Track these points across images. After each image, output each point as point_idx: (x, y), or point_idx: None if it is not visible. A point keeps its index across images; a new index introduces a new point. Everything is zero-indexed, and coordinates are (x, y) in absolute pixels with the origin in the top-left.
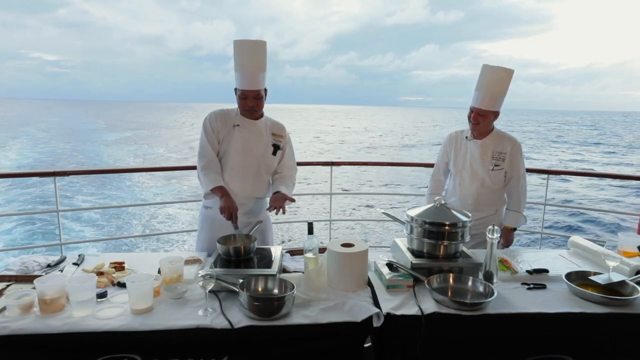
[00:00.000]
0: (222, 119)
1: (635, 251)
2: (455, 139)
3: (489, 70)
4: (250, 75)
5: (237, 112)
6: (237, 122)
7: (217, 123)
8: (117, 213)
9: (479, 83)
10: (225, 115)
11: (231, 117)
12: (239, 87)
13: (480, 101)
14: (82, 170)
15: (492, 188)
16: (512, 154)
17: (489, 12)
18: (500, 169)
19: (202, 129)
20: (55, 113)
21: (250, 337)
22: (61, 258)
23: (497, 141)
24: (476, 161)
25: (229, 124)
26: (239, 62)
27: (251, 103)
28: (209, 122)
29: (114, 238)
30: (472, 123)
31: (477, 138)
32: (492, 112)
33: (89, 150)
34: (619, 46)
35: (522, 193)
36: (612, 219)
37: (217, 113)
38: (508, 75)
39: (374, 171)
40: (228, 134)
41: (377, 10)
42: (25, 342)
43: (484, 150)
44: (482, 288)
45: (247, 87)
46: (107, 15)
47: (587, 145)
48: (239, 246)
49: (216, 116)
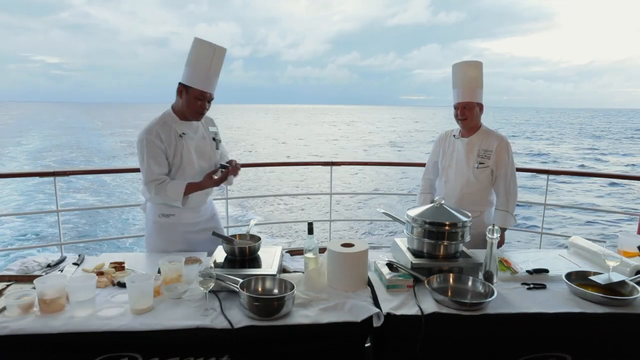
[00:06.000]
0: (164, 133)
1: (635, 251)
2: (444, 137)
3: (460, 67)
4: (213, 77)
5: (174, 118)
6: (180, 131)
7: (162, 142)
8: (117, 213)
9: (455, 80)
10: (164, 127)
11: (169, 126)
12: (198, 87)
13: (461, 95)
14: (82, 170)
15: (477, 187)
16: (498, 151)
17: (490, 10)
18: (485, 166)
19: (145, 151)
20: (60, 115)
21: (250, 337)
22: (61, 258)
23: (483, 139)
24: (462, 159)
25: (172, 137)
26: (201, 60)
27: (206, 105)
28: (153, 144)
29: (114, 238)
30: (460, 120)
31: (465, 136)
32: (477, 103)
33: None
34: (620, 43)
35: (510, 192)
36: (612, 219)
37: (155, 130)
38: (479, 68)
39: (374, 171)
40: (176, 147)
41: (378, 11)
42: (25, 342)
43: (470, 148)
44: (482, 288)
45: (208, 88)
46: (110, 18)
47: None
48: (244, 247)
49: (156, 135)
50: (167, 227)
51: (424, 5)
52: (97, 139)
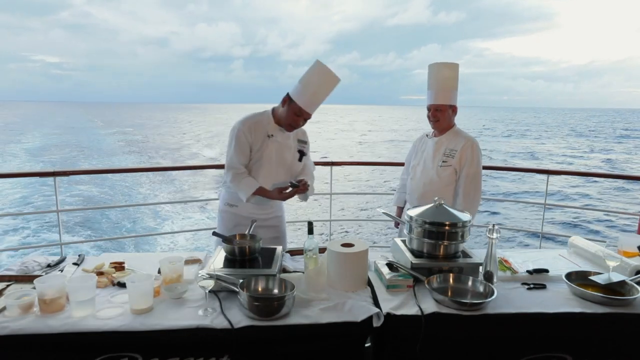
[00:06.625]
0: (256, 129)
1: (635, 251)
2: (420, 138)
3: (436, 68)
4: (317, 101)
5: (271, 119)
6: (270, 132)
7: (251, 135)
8: (117, 213)
9: (430, 82)
10: (257, 124)
11: (263, 124)
12: (299, 104)
13: (434, 97)
14: (82, 170)
15: (439, 185)
16: (462, 151)
17: (490, 10)
18: (447, 165)
19: (234, 139)
20: (60, 115)
21: (250, 337)
22: (61, 258)
23: (451, 139)
24: (429, 157)
25: (262, 134)
26: (312, 82)
27: (300, 122)
28: (243, 135)
29: (114, 238)
30: (433, 121)
31: (436, 136)
32: (449, 105)
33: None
34: (620, 43)
35: (469, 193)
36: (612, 219)
37: (250, 124)
38: (454, 70)
39: (375, 171)
40: (262, 144)
41: (379, 10)
42: (25, 342)
43: (438, 147)
44: (482, 288)
45: (309, 109)
46: (110, 18)
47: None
48: (244, 246)
49: (249, 128)
50: (230, 216)
51: (424, 5)
52: (97, 138)
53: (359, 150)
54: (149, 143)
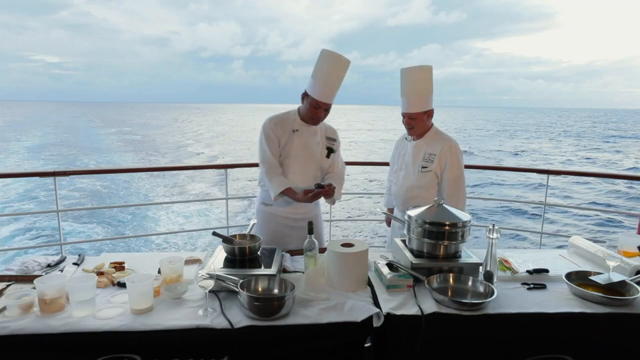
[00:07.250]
0: (281, 125)
1: (635, 251)
2: (401, 140)
3: (408, 74)
4: (331, 89)
5: (296, 116)
6: (295, 127)
7: (277, 130)
8: (117, 213)
9: (402, 89)
10: (283, 121)
11: (289, 121)
12: (314, 97)
13: (408, 106)
14: (83, 170)
15: (420, 190)
16: (441, 155)
17: (490, 10)
18: (428, 170)
19: (263, 135)
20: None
21: (250, 337)
22: (61, 258)
23: (430, 142)
24: (410, 162)
25: (287, 130)
26: (321, 72)
27: (321, 114)
28: (270, 130)
29: (114, 238)
30: (407, 128)
31: (415, 139)
32: (423, 112)
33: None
34: (620, 43)
35: (452, 197)
36: (612, 219)
37: (275, 121)
38: (426, 73)
39: (375, 171)
40: (288, 139)
41: (379, 10)
42: (25, 342)
43: (417, 151)
44: (482, 288)
45: (324, 99)
46: (110, 17)
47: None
48: (244, 246)
49: (275, 124)
50: (265, 215)
51: (424, 5)
52: (97, 137)
53: (359, 150)
54: (150, 143)
